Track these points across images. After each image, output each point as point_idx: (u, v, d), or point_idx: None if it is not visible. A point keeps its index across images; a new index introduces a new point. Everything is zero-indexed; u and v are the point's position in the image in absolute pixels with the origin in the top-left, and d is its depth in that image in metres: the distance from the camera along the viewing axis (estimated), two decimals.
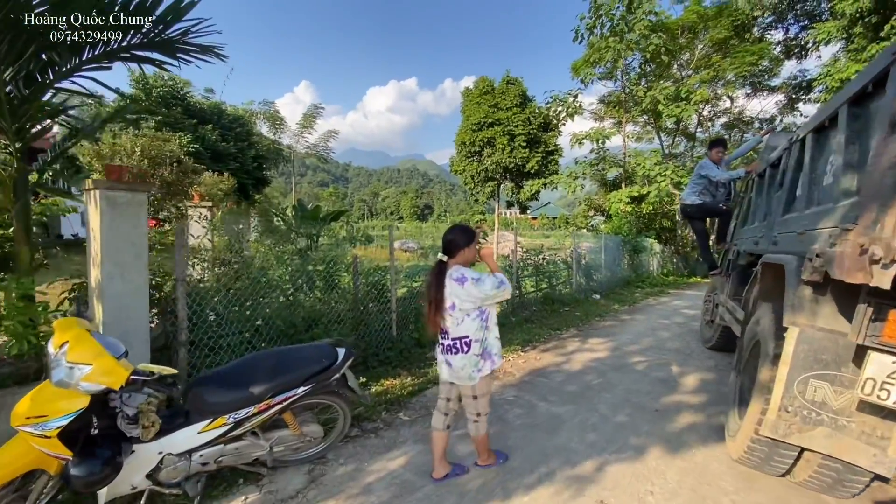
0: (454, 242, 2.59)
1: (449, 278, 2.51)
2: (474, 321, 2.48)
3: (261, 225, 21.17)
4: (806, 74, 23.57)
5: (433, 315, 2.55)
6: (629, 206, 18.08)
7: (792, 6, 21.49)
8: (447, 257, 2.59)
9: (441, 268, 2.57)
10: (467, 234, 2.64)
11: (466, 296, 2.44)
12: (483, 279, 2.45)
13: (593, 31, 18.86)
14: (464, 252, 2.59)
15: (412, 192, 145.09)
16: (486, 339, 2.53)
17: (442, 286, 2.52)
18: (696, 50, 21.32)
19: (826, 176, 2.49)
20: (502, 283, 2.48)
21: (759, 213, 4.15)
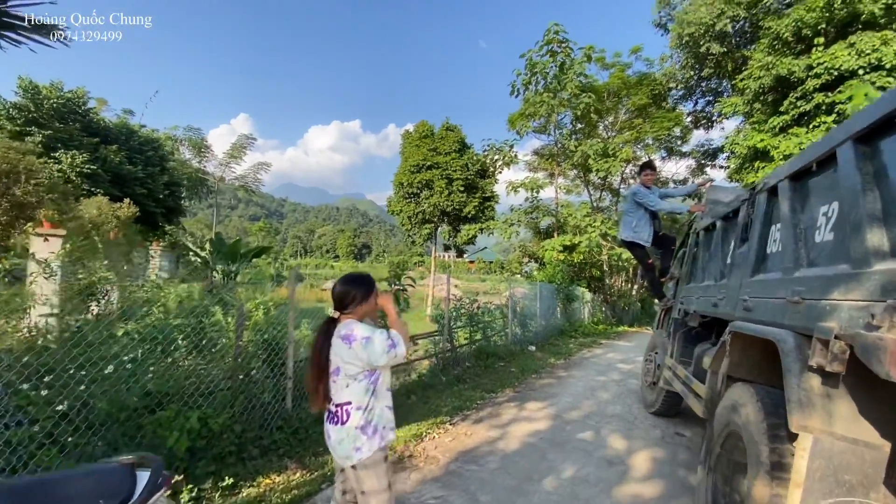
0: (347, 295, 2.11)
1: (336, 336, 2.02)
2: (360, 384, 2.01)
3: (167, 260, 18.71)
4: (712, 143, 26.21)
5: (314, 384, 2.04)
6: (562, 254, 18.32)
7: (699, 83, 24.10)
8: (339, 313, 2.10)
9: (329, 326, 2.08)
10: (363, 284, 2.16)
11: (352, 358, 1.97)
12: (373, 340, 1.97)
13: (528, 87, 19.68)
14: (360, 307, 2.11)
15: (350, 231, 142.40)
16: (373, 409, 2.03)
17: (328, 348, 2.03)
18: (619, 113, 23.01)
19: (820, 230, 1.99)
20: (394, 345, 2.00)
21: (712, 270, 3.76)
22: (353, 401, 1.98)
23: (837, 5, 11.60)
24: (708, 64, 20.86)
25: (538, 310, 12.32)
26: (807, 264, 2.07)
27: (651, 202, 5.39)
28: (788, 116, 13.10)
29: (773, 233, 2.56)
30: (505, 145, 20.32)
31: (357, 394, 1.99)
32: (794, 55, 13.03)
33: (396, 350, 1.98)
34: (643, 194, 5.50)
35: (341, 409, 2.00)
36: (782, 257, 2.32)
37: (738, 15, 18.00)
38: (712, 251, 3.90)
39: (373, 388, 2.02)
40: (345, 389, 1.99)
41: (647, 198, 5.43)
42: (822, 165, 2.04)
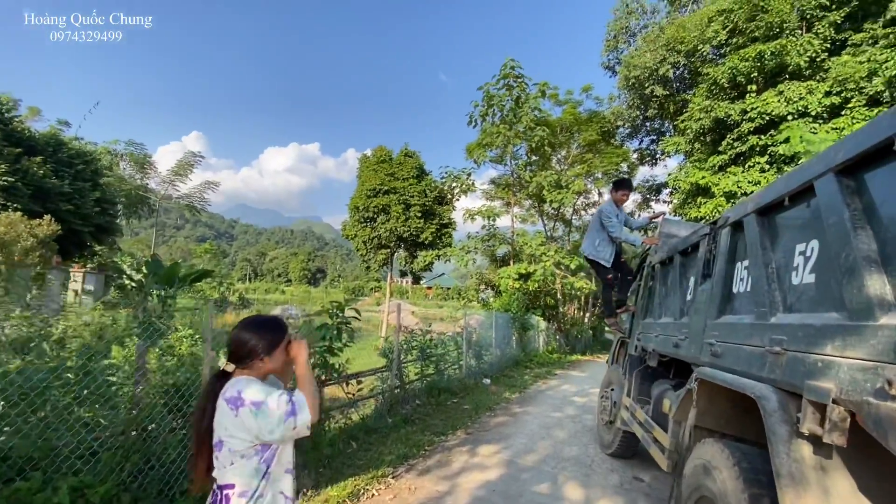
0: (245, 344, 1.62)
1: (221, 397, 1.54)
2: (248, 462, 1.52)
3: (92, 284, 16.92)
4: (656, 179, 27.70)
5: (194, 459, 1.59)
6: (517, 282, 18.32)
7: (644, 123, 25.61)
8: (234, 366, 1.61)
9: (216, 384, 1.60)
10: (270, 331, 1.67)
11: (237, 429, 1.49)
12: (266, 406, 1.48)
13: (486, 118, 20.03)
14: (262, 362, 1.63)
15: (304, 255, 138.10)
16: (262, 497, 1.53)
17: (212, 412, 1.56)
18: (572, 147, 23.89)
19: (797, 272, 1.79)
20: (293, 413, 1.50)
21: (670, 306, 3.59)
22: (238, 484, 1.51)
23: (767, 56, 12.63)
24: (652, 105, 22.20)
25: (494, 339, 12.03)
26: (784, 309, 1.86)
27: (612, 227, 5.22)
28: (726, 156, 13.94)
29: (740, 271, 2.38)
30: (462, 173, 20.41)
31: (243, 475, 1.51)
32: (730, 100, 14.00)
33: (297, 420, 1.49)
34: (608, 215, 5.32)
35: (221, 493, 1.52)
36: (753, 299, 2.12)
37: (679, 62, 19.36)
38: (670, 286, 3.75)
39: (265, 469, 1.54)
40: (228, 468, 1.51)
41: (610, 220, 5.26)
42: (797, 200, 1.86)
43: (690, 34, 17.21)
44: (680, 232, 4.90)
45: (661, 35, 20.51)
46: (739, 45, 14.21)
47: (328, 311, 5.08)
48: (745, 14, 14.32)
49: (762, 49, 12.78)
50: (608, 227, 5.25)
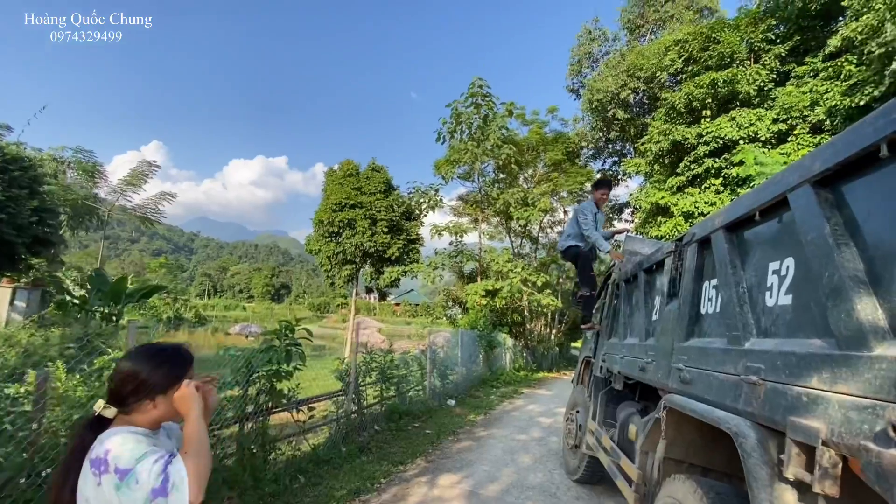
0: (131, 381, 1.26)
1: (87, 456, 1.17)
2: None
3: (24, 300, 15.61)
4: (618, 199, 28.56)
5: None
6: (484, 298, 18.19)
7: (607, 144, 26.46)
8: (114, 410, 1.26)
9: (85, 434, 1.23)
10: (168, 362, 1.33)
11: (99, 502, 1.12)
12: (136, 476, 1.11)
13: (454, 135, 20.09)
14: (153, 404, 1.28)
15: (268, 270, 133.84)
16: None
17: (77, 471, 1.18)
18: (538, 166, 24.31)
19: (771, 292, 1.64)
20: (163, 491, 1.10)
21: (635, 327, 3.45)
22: None
23: (720, 84, 13.27)
24: (614, 128, 22.96)
25: (460, 358, 11.74)
26: (758, 333, 1.70)
27: (586, 225, 5.03)
28: (684, 177, 14.44)
29: (707, 290, 2.24)
30: (430, 189, 20.30)
31: None
32: (687, 124, 14.58)
33: (168, 501, 1.10)
34: (584, 212, 5.11)
35: None
36: (723, 321, 1.97)
37: (639, 87, 20.15)
38: (635, 305, 3.62)
39: None
40: None
41: (585, 217, 5.07)
42: (768, 214, 1.73)
43: (649, 62, 17.97)
44: (643, 249, 4.84)
45: (622, 61, 21.37)
46: (694, 73, 14.90)
47: (276, 333, 4.69)
48: (698, 44, 15.08)
49: (715, 77, 13.43)
50: (582, 224, 5.07)
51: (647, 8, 25.44)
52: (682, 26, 20.44)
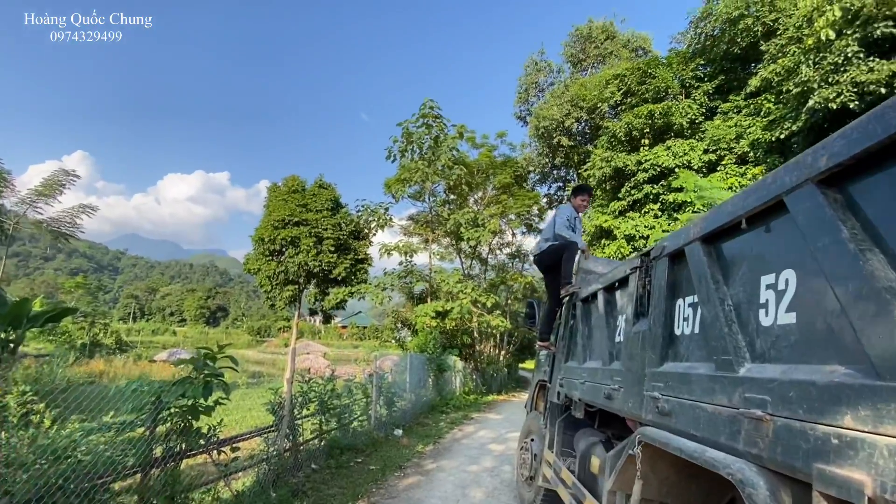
0: None
1: None
2: None
3: None
4: None
5: None
6: (434, 320, 17.77)
7: (552, 170, 27.43)
8: None
9: None
10: None
11: None
12: None
13: (405, 154, 19.91)
14: None
15: (204, 291, 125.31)
16: None
17: None
18: (488, 189, 24.65)
19: (767, 309, 1.42)
20: None
21: (597, 349, 3.23)
22: None
23: (657, 115, 14.10)
24: (559, 154, 23.85)
25: (408, 383, 11.19)
26: (753, 357, 1.47)
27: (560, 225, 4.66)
28: (625, 202, 15.07)
29: (682, 309, 2.03)
30: (380, 207, 19.82)
31: None
32: (627, 152, 15.32)
33: None
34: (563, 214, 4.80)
35: None
36: (706, 343, 1.74)
37: (582, 116, 21.12)
38: (594, 326, 3.42)
39: None
40: None
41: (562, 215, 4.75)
42: (757, 221, 1.53)
43: (591, 93, 18.90)
44: (597, 268, 4.73)
45: (566, 92, 22.38)
46: (633, 105, 15.80)
47: (193, 361, 4.03)
48: (636, 79, 16.06)
49: (652, 108, 14.28)
50: (558, 222, 4.74)
51: (588, 44, 27.02)
52: (621, 62, 21.85)
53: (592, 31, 26.84)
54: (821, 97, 8.83)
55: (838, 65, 8.62)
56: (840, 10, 8.54)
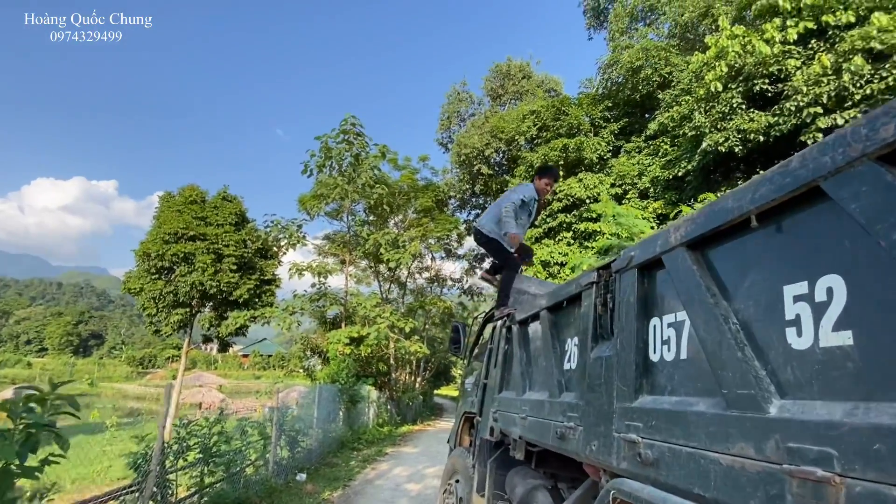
0: None
1: None
2: None
3: None
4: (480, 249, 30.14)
5: None
6: (348, 347, 16.62)
7: (472, 197, 28.06)
8: None
9: None
10: None
11: None
12: None
13: (323, 170, 18.92)
14: None
15: (73, 315, 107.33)
16: None
17: None
18: (408, 211, 24.35)
19: (799, 327, 1.10)
20: None
21: (541, 377, 2.84)
22: None
23: (570, 149, 14.95)
24: (479, 182, 24.45)
25: (315, 418, 10.04)
26: (788, 391, 1.13)
27: (507, 212, 4.15)
28: (541, 229, 15.62)
29: (660, 331, 1.69)
30: (292, 224, 18.42)
31: None
32: None
33: None
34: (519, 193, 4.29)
35: None
36: (705, 371, 1.39)
37: (501, 147, 21.92)
38: (536, 351, 3.04)
39: None
40: None
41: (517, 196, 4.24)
42: (773, 217, 1.23)
43: (510, 125, 19.72)
44: (530, 288, 4.46)
45: (487, 123, 23.18)
46: (548, 139, 16.68)
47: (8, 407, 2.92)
48: (550, 115, 17.05)
49: (566, 142, 15.14)
50: (506, 206, 4.21)
51: (507, 81, 28.53)
52: (536, 100, 23.23)
53: (511, 69, 28.45)
54: (712, 141, 9.87)
55: (725, 113, 9.74)
56: (726, 66, 9.69)
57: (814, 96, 8.24)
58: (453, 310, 27.48)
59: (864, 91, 7.57)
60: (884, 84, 7.26)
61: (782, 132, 8.83)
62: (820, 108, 8.12)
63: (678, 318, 1.60)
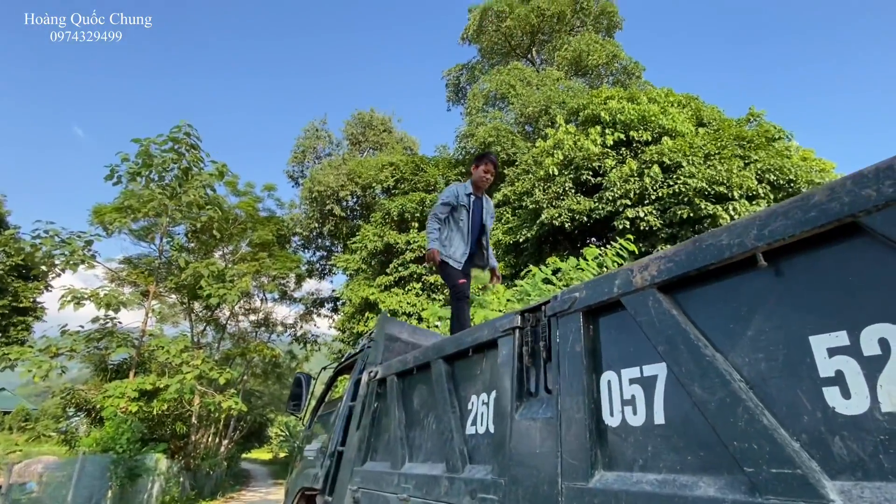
0: None
1: None
2: None
3: None
4: (320, 293, 28.41)
5: None
6: (136, 403, 13.00)
7: (318, 237, 26.70)
8: None
9: None
10: None
11: None
12: None
13: (136, 178, 15.56)
14: None
15: None
16: None
17: None
18: (242, 244, 21.64)
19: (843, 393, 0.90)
20: None
21: (432, 445, 2.31)
22: None
23: (427, 203, 15.46)
24: (329, 222, 23.47)
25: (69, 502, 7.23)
26: (831, 470, 0.89)
27: (428, 225, 3.61)
28: (391, 277, 15.41)
29: (615, 387, 1.40)
30: (76, 238, 14.30)
31: None
32: (399, 231, 16.07)
33: None
34: (449, 193, 3.68)
35: None
36: (689, 442, 1.12)
37: (356, 192, 21.64)
38: (423, 411, 2.52)
39: None
40: None
41: (444, 198, 3.67)
42: (785, 255, 1.07)
43: (368, 172, 19.72)
44: (402, 334, 3.97)
45: (345, 164, 22.81)
46: (405, 191, 17.09)
47: None
48: (409, 169, 17.66)
49: (424, 196, 15.66)
50: (434, 208, 3.65)
51: (368, 130, 28.99)
52: (395, 153, 23.98)
53: (374, 121, 29.11)
54: (548, 215, 11.29)
55: (559, 194, 11.34)
56: (562, 155, 11.40)
57: (624, 191, 10.20)
58: (281, 358, 24.65)
59: (658, 193, 9.71)
60: (671, 189, 9.45)
61: (601, 216, 10.62)
62: (628, 201, 10.09)
63: (646, 372, 1.34)
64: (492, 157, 3.88)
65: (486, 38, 24.50)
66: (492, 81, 20.06)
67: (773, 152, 9.91)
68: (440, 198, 3.78)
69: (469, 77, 27.29)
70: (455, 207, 3.70)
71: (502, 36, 24.18)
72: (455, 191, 3.75)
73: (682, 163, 9.64)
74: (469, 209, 3.74)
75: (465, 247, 3.70)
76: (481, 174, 3.80)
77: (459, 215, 3.72)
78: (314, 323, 27.75)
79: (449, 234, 3.69)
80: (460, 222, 3.71)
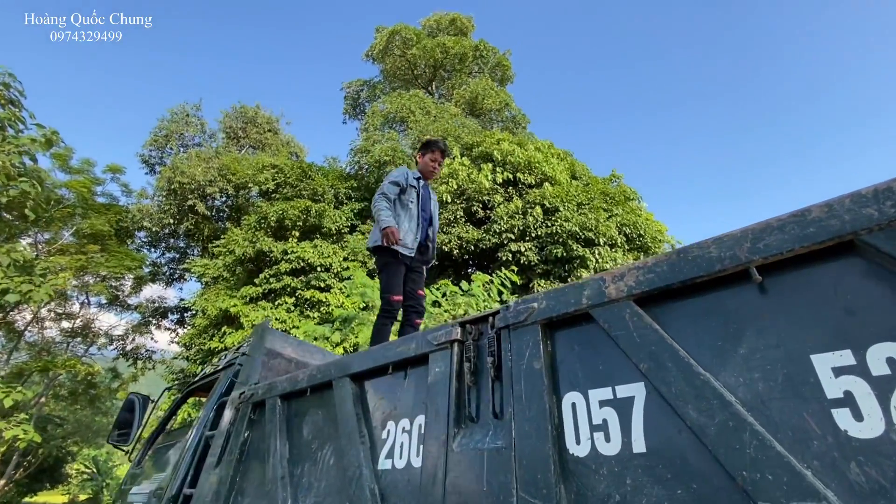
0: None
1: None
2: None
3: None
4: (165, 301, 24.49)
5: None
6: None
7: (171, 236, 23.13)
8: None
9: None
10: None
11: None
12: None
13: None
14: None
15: None
16: None
17: None
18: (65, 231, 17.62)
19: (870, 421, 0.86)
20: None
21: (328, 485, 1.86)
22: None
23: (312, 213, 14.45)
24: (188, 220, 20.52)
25: None
26: (849, 500, 0.82)
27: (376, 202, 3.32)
28: (260, 289, 13.84)
29: (586, 409, 1.24)
30: None
31: None
32: (276, 238, 14.66)
33: None
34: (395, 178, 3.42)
35: None
36: (681, 473, 0.99)
37: (227, 189, 19.43)
38: (317, 442, 2.07)
39: None
40: None
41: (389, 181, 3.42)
42: (778, 271, 1.03)
43: (244, 171, 17.93)
44: (285, 350, 3.39)
45: (217, 158, 20.43)
46: (288, 197, 15.82)
47: None
48: (295, 175, 16.48)
49: (309, 205, 14.63)
50: (377, 194, 3.32)
51: (251, 126, 26.56)
52: (280, 156, 22.27)
53: (258, 117, 26.82)
54: (438, 241, 11.39)
55: (451, 221, 11.56)
56: (456, 184, 11.73)
57: (509, 226, 10.84)
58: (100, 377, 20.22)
59: (538, 231, 10.52)
60: (549, 230, 10.32)
61: (487, 246, 11.08)
62: (512, 236, 10.73)
63: (619, 393, 1.20)
64: (440, 143, 3.64)
65: (390, 60, 24.71)
66: (392, 103, 20.11)
67: (629, 209, 11.65)
68: (388, 177, 3.50)
69: (370, 94, 27.07)
70: (404, 189, 3.39)
71: (406, 62, 24.66)
72: (405, 172, 3.50)
73: (559, 207, 10.67)
74: (419, 192, 3.46)
75: (416, 233, 3.38)
76: (428, 162, 3.54)
77: (409, 197, 3.41)
78: (151, 336, 23.49)
79: (397, 217, 3.31)
80: (410, 204, 3.39)
